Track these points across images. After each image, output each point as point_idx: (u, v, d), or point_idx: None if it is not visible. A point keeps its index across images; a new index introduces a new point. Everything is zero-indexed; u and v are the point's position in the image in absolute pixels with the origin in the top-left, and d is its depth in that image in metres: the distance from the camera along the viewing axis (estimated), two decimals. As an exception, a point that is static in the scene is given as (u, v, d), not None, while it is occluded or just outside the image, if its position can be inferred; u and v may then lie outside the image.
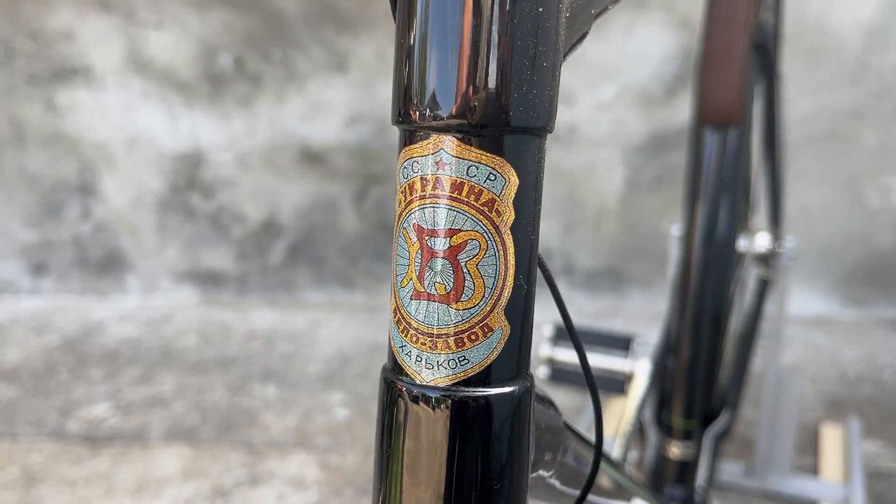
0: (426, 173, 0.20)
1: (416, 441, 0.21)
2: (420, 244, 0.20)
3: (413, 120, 0.20)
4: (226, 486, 1.43)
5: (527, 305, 0.22)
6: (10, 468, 1.51)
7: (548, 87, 0.20)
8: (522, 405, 0.22)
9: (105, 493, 1.42)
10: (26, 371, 1.87)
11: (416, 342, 0.21)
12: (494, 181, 0.20)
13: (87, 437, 1.60)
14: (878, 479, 1.41)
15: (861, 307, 1.98)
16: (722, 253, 0.91)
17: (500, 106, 0.19)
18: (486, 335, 0.21)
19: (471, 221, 0.20)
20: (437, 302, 0.20)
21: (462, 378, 0.21)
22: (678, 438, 0.86)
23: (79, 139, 2.05)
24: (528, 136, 0.20)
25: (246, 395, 1.73)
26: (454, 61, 0.19)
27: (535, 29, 0.19)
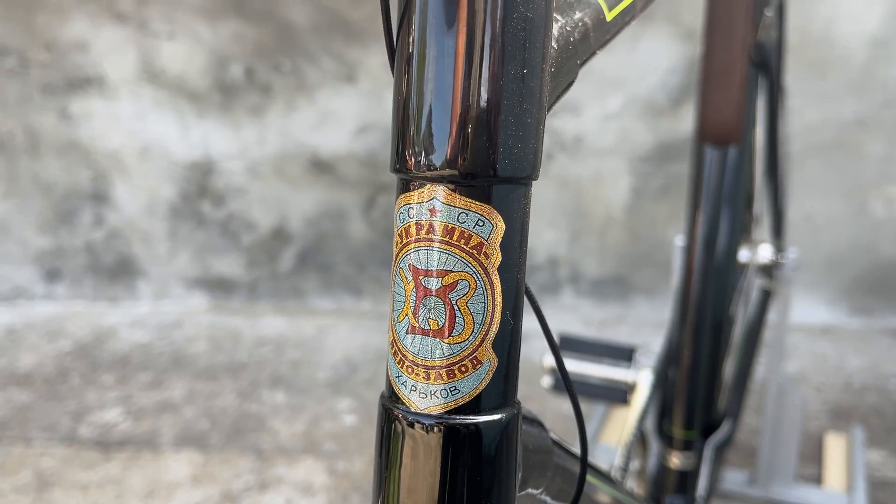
0: (421, 219, 0.22)
1: (411, 464, 0.23)
2: (415, 283, 0.22)
3: (409, 169, 0.22)
4: (235, 492, 1.45)
5: (513, 339, 0.24)
6: (24, 472, 1.54)
7: (532, 140, 0.22)
8: (509, 431, 0.24)
9: (116, 498, 1.44)
10: (39, 376, 1.90)
11: (410, 373, 0.23)
12: (483, 226, 0.22)
13: (99, 441, 1.63)
14: (881, 489, 1.42)
15: (867, 316, 1.99)
16: (722, 265, 0.92)
17: (488, 159, 0.21)
18: (475, 367, 0.23)
19: (461, 263, 0.22)
20: (430, 336, 0.22)
21: (453, 406, 0.23)
22: (678, 449, 0.87)
23: (92, 147, 2.08)
24: (513, 185, 0.22)
25: (255, 401, 1.75)
26: (446, 117, 0.21)
27: (519, 89, 0.21)
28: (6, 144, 2.10)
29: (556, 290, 2.06)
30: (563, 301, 2.07)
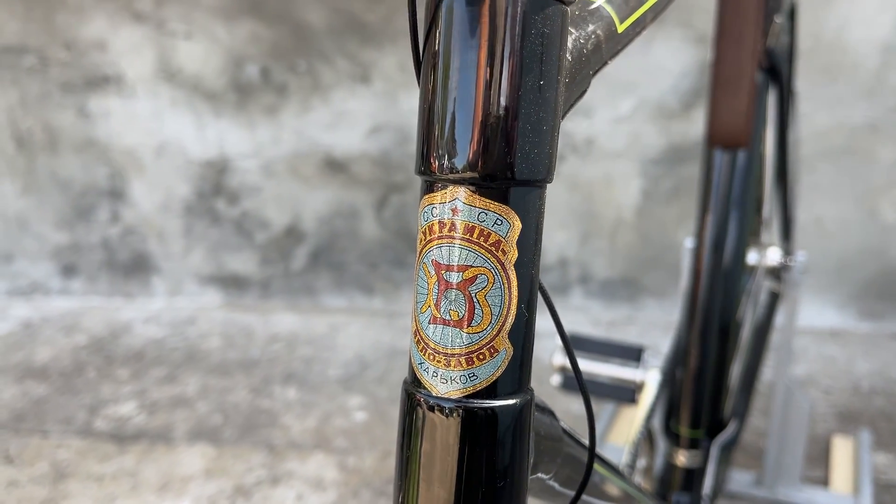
0: (443, 218, 0.23)
1: (431, 444, 0.24)
2: (437, 277, 0.24)
3: (433, 171, 0.24)
4: (247, 486, 1.47)
5: (528, 330, 0.26)
6: (40, 464, 1.56)
7: (547, 145, 0.24)
8: (523, 415, 0.25)
9: (131, 490, 1.47)
10: (55, 370, 1.93)
11: (432, 360, 0.25)
12: (501, 225, 0.23)
13: (114, 434, 1.65)
14: (888, 492, 1.43)
15: (876, 321, 1.99)
16: (730, 267, 0.94)
17: (506, 163, 0.23)
18: (492, 355, 0.24)
19: (480, 259, 0.23)
20: (451, 326, 0.24)
21: (472, 391, 0.24)
22: (685, 447, 0.89)
23: (109, 145, 2.11)
24: (530, 187, 0.24)
25: (267, 397, 1.78)
26: (468, 124, 0.22)
27: (536, 98, 0.23)
28: (25, 141, 2.14)
29: (566, 290, 2.07)
30: (572, 301, 2.09)
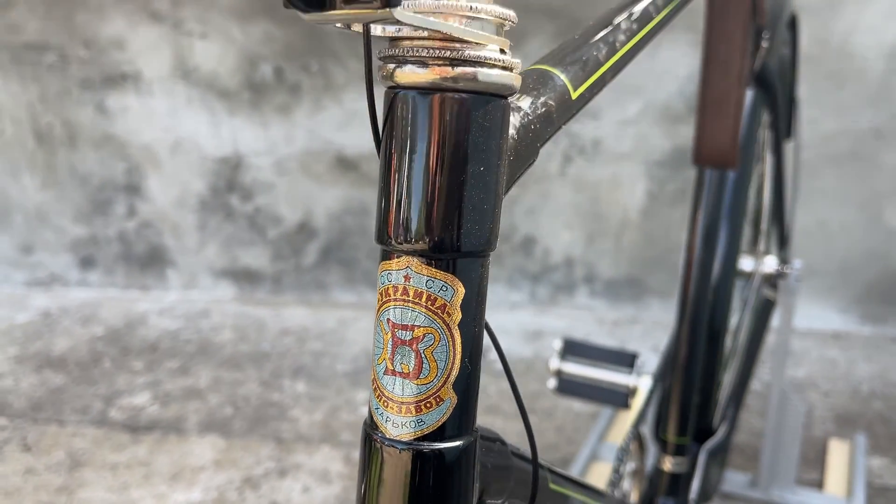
0: (397, 283, 0.27)
1: (384, 480, 0.28)
2: (391, 334, 0.28)
3: (389, 243, 0.27)
4: (255, 477, 1.52)
5: (471, 380, 0.29)
6: (57, 452, 1.62)
7: (488, 221, 0.27)
8: (467, 454, 0.29)
9: (144, 479, 1.52)
10: (73, 360, 1.99)
11: (386, 406, 0.28)
12: (446, 291, 0.27)
13: (128, 424, 1.70)
14: (881, 495, 1.45)
15: (878, 324, 2.01)
16: (719, 278, 0.96)
17: (451, 238, 0.26)
18: (438, 404, 0.28)
19: (428, 320, 0.27)
20: (402, 378, 0.27)
21: (420, 435, 0.28)
22: (671, 453, 0.92)
23: (127, 141, 2.16)
24: (472, 258, 0.28)
25: (276, 390, 1.82)
26: (419, 204, 0.26)
27: (478, 182, 0.26)
28: (45, 136, 2.19)
29: (571, 290, 2.10)
30: (578, 301, 2.12)
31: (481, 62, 0.25)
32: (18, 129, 2.20)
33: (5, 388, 1.87)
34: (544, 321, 2.11)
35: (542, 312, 2.14)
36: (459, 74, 0.25)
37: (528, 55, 1.91)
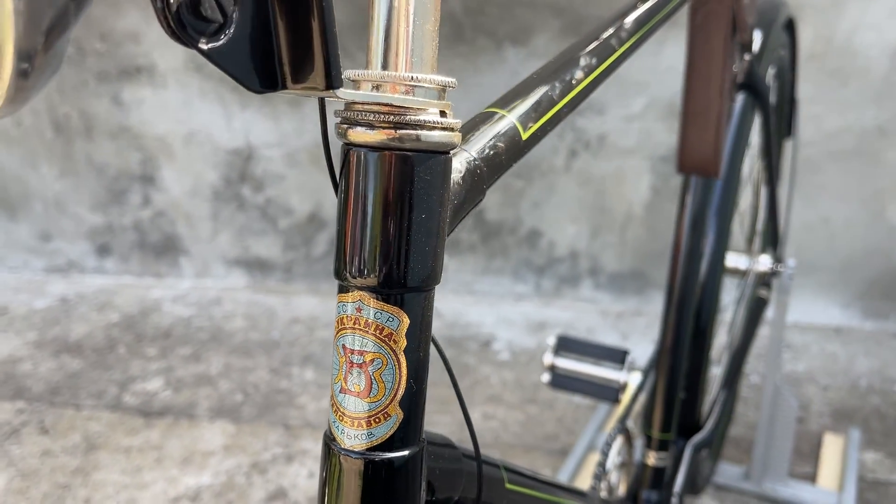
0: (350, 313, 0.31)
1: (340, 486, 0.32)
2: (346, 357, 0.31)
3: (344, 278, 0.31)
4: (263, 462, 1.57)
5: (417, 398, 0.33)
6: (73, 435, 1.68)
7: (431, 260, 0.31)
8: (413, 462, 0.33)
9: (156, 463, 1.58)
10: (89, 345, 2.05)
11: (342, 420, 0.32)
12: (393, 321, 0.31)
13: (142, 409, 1.76)
14: (873, 489, 1.48)
15: (880, 320, 2.03)
16: (705, 278, 0.99)
17: (397, 276, 0.30)
18: (386, 419, 0.32)
19: (377, 347, 0.31)
20: (355, 396, 0.31)
21: (370, 446, 0.32)
22: (654, 449, 0.96)
23: (141, 132, 2.21)
24: (416, 292, 0.31)
25: (285, 378, 1.87)
26: (369, 245, 0.30)
27: (422, 227, 0.30)
28: (63, 127, 2.24)
29: (576, 282, 2.14)
30: (582, 293, 2.15)
31: (422, 125, 0.29)
32: (37, 119, 2.25)
33: (25, 372, 1.93)
34: (549, 313, 2.14)
35: (547, 304, 2.18)
36: (403, 135, 0.28)
37: (533, 51, 1.93)
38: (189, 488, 1.49)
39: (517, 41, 1.93)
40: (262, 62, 0.27)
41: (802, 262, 2.01)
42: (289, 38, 0.26)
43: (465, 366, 1.90)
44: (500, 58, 1.94)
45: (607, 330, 2.06)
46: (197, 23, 0.25)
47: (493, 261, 2.14)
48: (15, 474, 1.56)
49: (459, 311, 2.16)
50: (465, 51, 1.95)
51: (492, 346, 1.99)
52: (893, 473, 1.52)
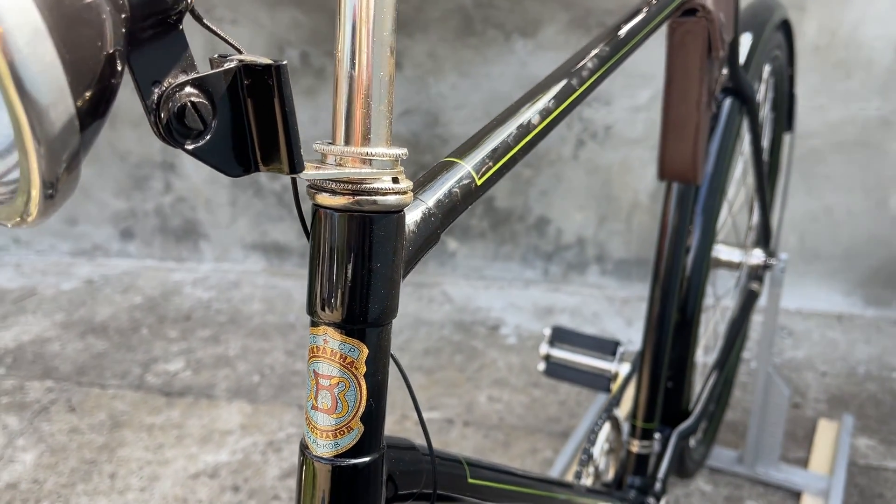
0: (319, 344, 0.37)
1: (314, 486, 0.38)
2: (316, 380, 0.37)
3: (314, 314, 0.37)
4: (278, 441, 1.65)
5: (376, 413, 0.39)
6: (99, 413, 1.77)
7: (386, 300, 0.37)
8: (374, 465, 0.39)
9: (177, 440, 1.66)
10: (113, 327, 2.14)
11: (313, 432, 0.38)
12: (353, 351, 0.36)
13: (163, 389, 1.85)
14: (864, 474, 1.53)
15: (882, 307, 2.06)
16: (691, 272, 1.05)
17: (358, 314, 0.36)
18: (349, 432, 0.38)
19: (341, 372, 0.37)
20: (323, 412, 0.37)
21: (337, 453, 0.38)
22: (637, 437, 1.01)
23: (162, 121, 2.28)
24: (375, 327, 0.37)
25: (300, 360, 1.95)
26: (333, 288, 0.36)
27: (379, 272, 0.35)
28: (87, 115, 2.32)
29: (583, 268, 2.19)
30: (589, 279, 2.20)
31: (377, 192, 0.34)
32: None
33: (53, 352, 2.03)
34: (556, 298, 2.20)
35: (555, 290, 2.23)
36: (361, 200, 0.34)
37: (541, 44, 1.97)
38: (208, 465, 1.58)
39: (526, 33, 1.97)
40: (237, 154, 0.33)
41: (806, 250, 2.05)
42: (259, 136, 0.32)
43: (473, 349, 1.96)
44: (509, 49, 1.98)
45: (613, 315, 2.11)
46: (183, 130, 0.31)
47: (502, 247, 2.19)
48: (45, 450, 1.65)
49: (469, 296, 2.22)
50: (474, 42, 2.00)
51: (500, 331, 2.06)
52: (885, 459, 1.57)
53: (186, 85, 0.30)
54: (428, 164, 2.18)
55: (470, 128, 2.09)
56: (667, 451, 1.07)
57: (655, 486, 1.03)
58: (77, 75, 0.25)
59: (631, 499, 1.00)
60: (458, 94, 2.05)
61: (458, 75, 2.04)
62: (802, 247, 2.04)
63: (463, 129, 2.10)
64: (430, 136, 2.13)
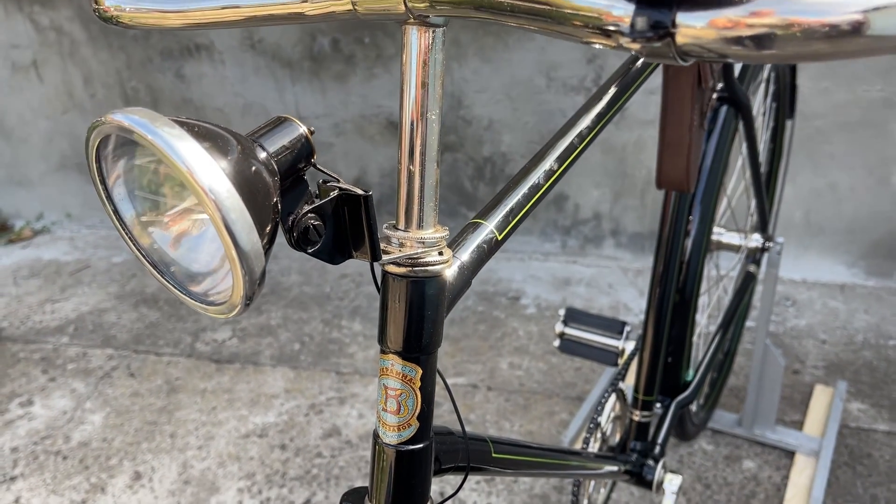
0: (387, 366, 0.50)
1: (383, 466, 0.53)
2: (385, 391, 0.52)
3: (384, 345, 0.52)
4: (319, 404, 1.82)
5: (427, 415, 0.53)
6: (156, 379, 1.95)
7: (433, 335, 0.51)
8: (426, 450, 0.53)
9: (228, 403, 1.84)
10: (163, 298, 2.31)
11: (383, 427, 0.53)
12: (411, 371, 0.51)
13: (213, 357, 2.02)
14: (854, 436, 1.67)
15: (883, 278, 2.18)
16: (690, 254, 1.18)
17: (413, 346, 0.50)
18: (408, 427, 0.52)
19: (402, 385, 0.51)
20: (391, 413, 0.52)
21: (399, 442, 0.52)
22: (639, 408, 1.16)
23: (202, 105, 2.42)
24: (425, 354, 0.51)
25: (336, 329, 2.12)
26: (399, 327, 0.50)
27: (428, 319, 0.50)
28: (132, 99, 2.47)
29: (599, 241, 2.32)
30: (604, 251, 2.34)
31: (427, 264, 0.48)
32: (109, 92, 2.48)
33: (110, 321, 2.21)
34: (574, 270, 2.34)
35: (572, 262, 2.37)
36: (416, 270, 0.48)
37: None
38: (257, 426, 1.76)
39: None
40: (339, 249, 0.47)
41: (811, 224, 2.16)
42: (352, 236, 0.47)
43: (495, 319, 2.12)
44: (529, 36, 2.09)
45: (626, 286, 2.25)
46: (307, 242, 0.45)
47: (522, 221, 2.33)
48: (111, 412, 1.84)
49: (491, 268, 2.37)
50: (496, 30, 2.11)
51: (520, 301, 2.20)
52: (876, 422, 1.70)
53: (308, 213, 0.44)
54: (451, 143, 2.31)
55: (491, 110, 2.21)
56: (666, 419, 1.22)
57: (655, 450, 1.18)
58: (258, 219, 0.39)
59: (633, 461, 1.15)
60: (479, 79, 2.17)
61: (480, 60, 2.15)
62: (808, 221, 2.15)
63: (485, 111, 2.22)
64: (454, 118, 2.25)
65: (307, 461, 1.64)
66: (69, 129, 2.60)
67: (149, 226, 0.44)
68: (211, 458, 1.67)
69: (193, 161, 0.36)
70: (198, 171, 0.36)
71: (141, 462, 1.67)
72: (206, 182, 0.36)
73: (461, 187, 2.37)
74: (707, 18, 0.30)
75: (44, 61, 2.50)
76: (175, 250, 0.44)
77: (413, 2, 0.41)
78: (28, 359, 2.06)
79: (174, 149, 0.36)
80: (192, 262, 0.44)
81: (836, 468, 1.56)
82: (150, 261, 0.45)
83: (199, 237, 0.43)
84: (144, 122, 0.37)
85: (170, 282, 0.44)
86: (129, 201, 0.44)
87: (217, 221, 0.36)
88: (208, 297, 0.43)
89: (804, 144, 2.02)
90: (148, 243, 0.44)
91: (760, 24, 0.29)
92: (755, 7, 0.29)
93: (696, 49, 0.30)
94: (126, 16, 0.51)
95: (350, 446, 1.67)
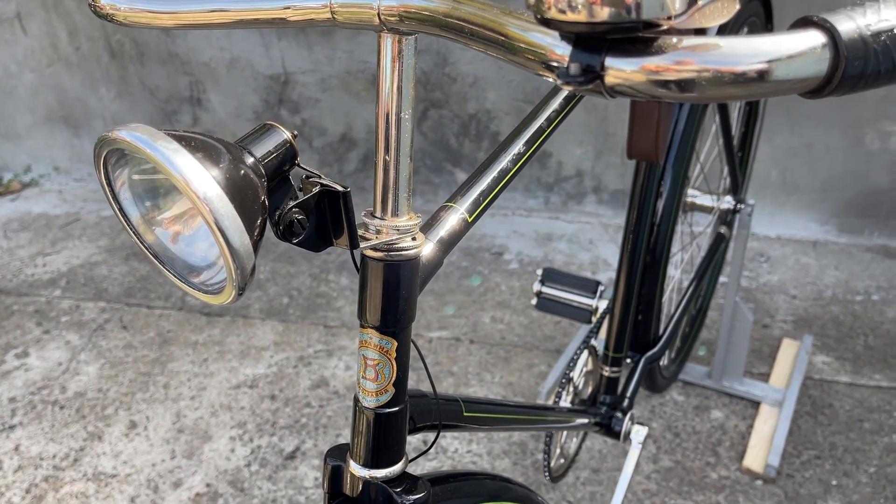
0: (365, 339, 0.57)
1: (362, 427, 0.60)
2: (364, 361, 0.57)
3: (363, 320, 0.57)
4: (307, 356, 1.89)
5: (402, 382, 0.59)
6: (149, 331, 2.01)
7: (409, 310, 0.56)
8: (402, 412, 0.59)
9: (219, 355, 1.90)
10: (154, 252, 2.36)
11: (363, 392, 0.58)
12: (388, 343, 0.56)
13: (203, 310, 2.08)
14: (817, 387, 1.75)
15: (854, 235, 2.24)
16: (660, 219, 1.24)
17: (389, 322, 0.55)
18: (385, 393, 0.57)
19: (379, 356, 0.56)
20: (369, 381, 0.57)
21: (377, 405, 0.57)
22: (608, 364, 1.23)
23: (188, 59, 2.43)
24: (400, 328, 0.56)
25: (324, 283, 2.17)
26: (377, 304, 0.55)
27: (403, 296, 0.55)
28: (117, 53, 2.47)
29: (581, 198, 2.37)
30: (586, 208, 2.39)
31: (402, 248, 0.54)
32: (93, 45, 2.48)
33: (102, 275, 2.26)
34: (556, 225, 2.40)
35: (555, 218, 2.43)
36: (392, 254, 0.53)
37: None
38: (248, 377, 1.82)
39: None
40: (320, 239, 0.52)
41: (787, 183, 2.22)
42: (332, 227, 0.52)
43: (479, 274, 2.18)
44: (514, -6, 2.11)
45: (607, 242, 2.31)
46: (291, 234, 0.50)
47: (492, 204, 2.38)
48: (105, 363, 1.90)
49: (475, 224, 2.42)
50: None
51: (503, 256, 2.26)
52: (839, 374, 1.78)
53: (293, 208, 0.49)
54: (438, 100, 2.34)
55: (476, 67, 2.24)
56: (635, 374, 1.29)
57: (623, 403, 1.25)
58: (248, 219, 0.44)
59: (602, 413, 1.23)
60: (465, 36, 2.19)
61: (465, 18, 2.16)
62: (783, 180, 2.21)
63: (470, 69, 2.25)
64: (440, 75, 2.28)
65: (296, 411, 1.71)
66: (55, 81, 2.61)
67: (152, 224, 0.49)
68: (203, 408, 1.73)
69: (189, 172, 0.41)
70: (193, 180, 0.41)
71: (136, 412, 1.73)
72: (201, 190, 0.41)
73: (446, 144, 2.40)
74: (638, 64, 0.34)
75: (28, 14, 2.49)
76: (175, 246, 0.49)
77: (386, 16, 0.46)
78: (22, 311, 2.11)
79: (172, 162, 0.41)
80: (191, 257, 0.49)
81: (799, 418, 1.65)
82: (153, 254, 0.50)
83: (197, 235, 0.48)
84: (145, 139, 0.42)
85: (172, 272, 0.50)
86: (134, 203, 0.49)
87: (211, 224, 0.42)
88: (206, 287, 0.49)
89: (782, 103, 2.06)
90: (152, 239, 0.49)
91: (684, 69, 0.34)
92: (679, 56, 0.34)
93: (625, 89, 0.35)
94: (121, 14, 0.55)
95: (338, 396, 1.74)
